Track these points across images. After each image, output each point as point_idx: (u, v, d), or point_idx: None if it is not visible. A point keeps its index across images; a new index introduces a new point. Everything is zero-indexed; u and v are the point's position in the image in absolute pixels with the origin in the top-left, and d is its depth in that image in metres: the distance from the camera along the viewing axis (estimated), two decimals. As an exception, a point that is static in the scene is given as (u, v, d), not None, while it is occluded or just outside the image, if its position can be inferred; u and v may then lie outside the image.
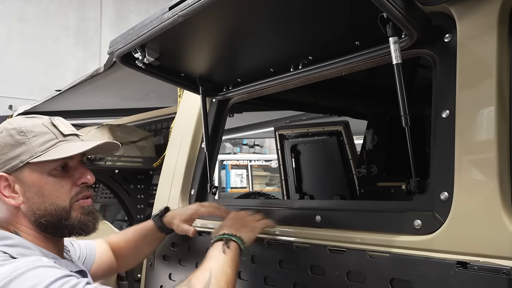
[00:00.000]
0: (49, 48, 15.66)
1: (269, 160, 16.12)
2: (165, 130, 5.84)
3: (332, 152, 5.38)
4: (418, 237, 1.86)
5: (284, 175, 5.96)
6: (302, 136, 5.65)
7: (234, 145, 19.13)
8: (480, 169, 1.72)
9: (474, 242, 1.69)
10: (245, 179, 16.00)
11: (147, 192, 5.43)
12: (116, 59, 2.58)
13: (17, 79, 14.80)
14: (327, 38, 2.26)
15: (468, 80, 1.80)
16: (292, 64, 2.49)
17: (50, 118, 2.27)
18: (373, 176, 4.58)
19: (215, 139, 3.13)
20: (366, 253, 1.96)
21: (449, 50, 1.88)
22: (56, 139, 2.19)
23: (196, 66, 2.80)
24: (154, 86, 4.73)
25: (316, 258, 2.18)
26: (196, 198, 3.12)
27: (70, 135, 2.24)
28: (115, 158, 5.03)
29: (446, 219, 1.78)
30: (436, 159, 1.87)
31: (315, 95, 4.06)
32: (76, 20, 16.37)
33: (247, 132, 8.26)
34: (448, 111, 1.84)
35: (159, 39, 2.31)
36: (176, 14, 2.05)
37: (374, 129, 4.69)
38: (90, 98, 6.14)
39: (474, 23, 1.82)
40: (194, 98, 3.18)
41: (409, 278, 1.79)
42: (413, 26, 1.81)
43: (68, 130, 2.25)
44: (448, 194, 1.79)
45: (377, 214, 2.07)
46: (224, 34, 2.39)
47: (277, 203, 2.74)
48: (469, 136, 1.77)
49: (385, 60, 2.09)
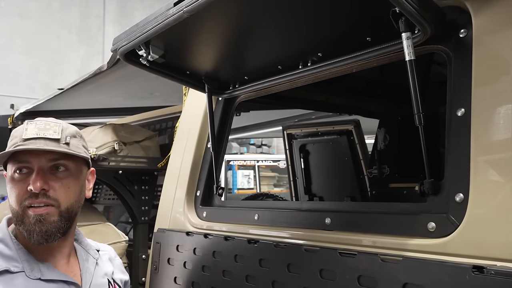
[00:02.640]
0: (52, 45, 15.68)
1: (277, 160, 16.09)
2: (170, 130, 5.83)
3: (342, 152, 5.35)
4: (432, 240, 1.82)
5: (292, 176, 5.93)
6: (311, 135, 5.62)
7: (241, 145, 19.13)
8: (496, 170, 1.69)
9: (491, 246, 1.65)
10: (252, 180, 15.99)
11: (152, 193, 5.42)
12: (119, 57, 2.55)
13: (19, 77, 14.83)
14: (337, 34, 2.23)
15: (484, 77, 1.77)
16: (301, 61, 2.47)
17: (30, 122, 2.30)
18: (385, 177, 4.54)
19: (222, 139, 3.10)
20: (378, 256, 1.91)
21: (464, 46, 1.85)
22: (16, 143, 2.23)
23: (202, 64, 2.78)
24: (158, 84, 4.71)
25: (326, 262, 2.13)
26: (202, 200, 3.09)
27: (31, 139, 2.22)
28: (119, 158, 5.01)
29: (462, 222, 1.74)
30: (451, 159, 1.83)
31: (324, 93, 4.02)
32: (79, 17, 16.40)
33: (254, 131, 8.27)
34: (464, 110, 1.80)
35: (164, 36, 2.28)
36: (181, 10, 2.02)
37: (386, 128, 4.66)
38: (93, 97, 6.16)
39: (491, 17, 1.78)
40: (200, 96, 3.16)
41: (423, 283, 1.75)
42: (426, 21, 1.78)
43: (34, 133, 2.24)
44: (464, 195, 1.75)
45: (389, 216, 2.04)
46: (231, 30, 2.36)
47: (285, 205, 2.71)
48: (485, 135, 1.73)
49: (398, 57, 2.06)
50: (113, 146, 4.97)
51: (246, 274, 2.48)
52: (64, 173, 2.27)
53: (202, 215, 3.03)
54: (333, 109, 4.91)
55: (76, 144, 2.32)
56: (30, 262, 2.22)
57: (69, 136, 2.29)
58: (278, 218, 2.55)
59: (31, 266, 2.21)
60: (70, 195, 2.28)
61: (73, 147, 2.28)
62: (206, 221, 2.97)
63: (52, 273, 2.25)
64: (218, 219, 2.92)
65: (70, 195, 2.28)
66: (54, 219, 2.22)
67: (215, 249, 2.67)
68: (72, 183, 2.30)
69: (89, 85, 5.25)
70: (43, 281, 2.20)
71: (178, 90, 3.96)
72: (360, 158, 5.27)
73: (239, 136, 10.77)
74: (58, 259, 2.33)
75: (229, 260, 2.59)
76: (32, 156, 2.21)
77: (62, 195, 2.25)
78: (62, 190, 2.25)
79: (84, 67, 14.84)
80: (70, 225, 2.31)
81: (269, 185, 16.10)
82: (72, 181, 2.30)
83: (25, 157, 2.21)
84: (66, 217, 2.26)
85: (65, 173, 2.27)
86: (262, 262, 2.44)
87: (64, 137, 2.27)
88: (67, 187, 2.27)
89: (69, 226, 2.30)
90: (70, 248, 2.42)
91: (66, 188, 2.26)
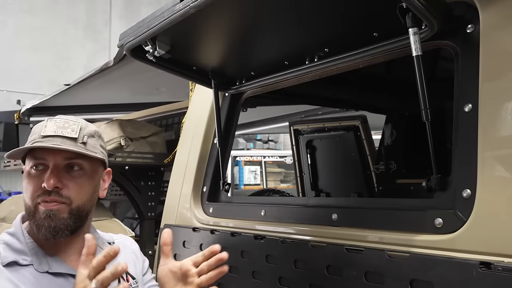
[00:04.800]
0: (58, 41, 15.74)
1: (284, 156, 16.07)
2: (177, 125, 5.85)
3: (349, 147, 5.33)
4: (439, 236, 1.81)
5: (299, 172, 5.92)
6: (318, 131, 5.61)
7: (247, 141, 19.12)
8: (504, 166, 1.68)
9: (498, 242, 1.64)
10: (259, 176, 15.98)
11: (158, 189, 5.43)
12: (126, 52, 2.56)
13: (25, 73, 14.89)
14: (344, 30, 2.22)
15: (491, 72, 1.76)
16: (308, 57, 2.46)
17: (50, 119, 2.32)
18: (392, 173, 4.53)
19: (228, 135, 3.10)
20: (385, 252, 1.91)
21: (471, 41, 1.84)
22: (35, 139, 2.25)
23: (208, 59, 2.77)
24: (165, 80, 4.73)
25: (332, 258, 2.14)
26: (209, 195, 3.09)
27: (48, 136, 2.24)
28: (125, 154, 5.03)
29: (469, 218, 1.73)
30: (458, 155, 1.82)
31: (331, 89, 4.02)
32: (85, 13, 16.44)
33: (261, 127, 8.27)
34: (471, 105, 1.80)
35: (170, 32, 2.28)
36: (188, 6, 2.02)
37: (393, 124, 4.65)
38: (99, 93, 6.18)
39: (498, 12, 1.77)
40: (206, 92, 3.15)
41: (430, 279, 1.75)
42: (433, 16, 1.76)
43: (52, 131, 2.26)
44: (471, 191, 1.75)
45: (396, 212, 2.03)
46: (237, 25, 2.36)
47: (292, 201, 2.71)
48: (492, 131, 1.72)
49: (405, 52, 2.04)
50: (120, 142, 4.99)
51: (252, 270, 2.48)
52: (79, 172, 2.28)
53: (209, 211, 3.04)
54: (340, 105, 4.90)
55: (93, 144, 2.33)
56: (39, 256, 2.24)
57: (86, 136, 2.30)
58: (285, 214, 2.55)
59: (39, 259, 2.24)
60: (82, 194, 2.29)
61: (89, 147, 2.29)
62: (213, 217, 2.97)
63: (60, 267, 2.27)
64: (224, 215, 2.92)
65: (83, 194, 2.29)
66: (63, 216, 2.23)
67: (222, 245, 2.66)
68: (86, 183, 2.30)
69: (96, 81, 5.27)
70: (51, 274, 2.23)
71: (185, 86, 3.96)
72: (367, 153, 5.25)
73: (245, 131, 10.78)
74: (69, 255, 2.34)
75: (236, 256, 2.58)
76: (48, 154, 2.22)
77: (74, 194, 2.25)
78: (74, 189, 2.26)
79: (91, 63, 14.88)
80: (80, 223, 2.31)
81: (275, 181, 16.08)
82: (85, 180, 2.30)
83: (42, 154, 2.23)
84: (76, 216, 2.27)
85: (79, 172, 2.28)
86: (268, 258, 2.44)
87: (82, 137, 2.28)
88: (80, 186, 2.28)
89: (79, 224, 2.30)
90: (82, 244, 2.39)
91: (79, 187, 2.27)
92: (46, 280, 2.21)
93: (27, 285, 2.15)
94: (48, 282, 2.21)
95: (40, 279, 2.19)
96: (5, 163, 6.28)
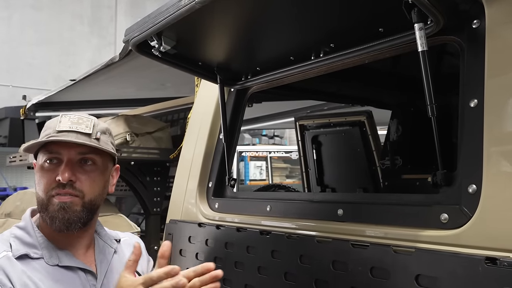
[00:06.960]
0: (63, 37, 15.73)
1: (289, 151, 15.99)
2: (182, 121, 5.85)
3: (354, 143, 5.31)
4: (445, 231, 1.81)
5: (305, 167, 5.90)
6: (324, 126, 5.59)
7: (253, 136, 19.12)
8: (510, 161, 1.68)
9: (504, 237, 1.63)
10: (265, 171, 15.92)
11: (164, 184, 5.44)
12: (131, 48, 2.58)
13: (31, 68, 14.90)
14: (350, 25, 2.22)
15: (497, 68, 1.75)
16: (313, 52, 2.46)
17: (64, 115, 2.39)
18: (398, 168, 4.52)
19: (234, 130, 3.10)
20: (391, 248, 1.90)
21: (477, 37, 1.83)
22: (49, 134, 2.31)
23: (214, 55, 2.78)
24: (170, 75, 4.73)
25: (338, 253, 2.13)
26: (214, 191, 3.09)
27: (63, 131, 2.31)
28: (131, 149, 5.04)
29: (474, 213, 1.73)
30: (464, 150, 1.82)
31: (337, 84, 4.01)
32: (90, 8, 16.43)
33: (267, 122, 8.27)
34: (477, 101, 1.79)
35: (175, 27, 2.29)
36: (193, 1, 2.02)
37: (398, 119, 4.64)
38: (105, 88, 6.19)
39: (504, 8, 1.76)
40: (212, 87, 3.15)
41: (436, 274, 1.74)
42: (439, 11, 1.77)
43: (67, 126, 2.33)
44: (476, 186, 1.74)
45: (401, 207, 2.03)
46: (243, 21, 2.36)
47: (297, 196, 2.71)
48: (498, 126, 1.72)
49: (410, 47, 2.04)
50: (125, 137, 5.00)
51: (258, 265, 2.48)
52: (91, 167, 2.36)
53: (214, 206, 3.04)
54: (345, 100, 4.90)
55: (105, 140, 2.41)
56: (49, 250, 2.32)
57: (99, 132, 2.38)
58: (290, 210, 2.55)
59: (50, 253, 2.31)
60: (94, 188, 2.37)
61: (102, 143, 2.37)
62: (218, 212, 2.97)
63: (70, 260, 2.34)
64: (230, 210, 2.92)
65: (95, 188, 2.37)
66: (77, 209, 2.30)
67: (227, 240, 2.67)
68: (98, 177, 2.38)
69: (101, 76, 5.28)
70: (61, 268, 2.30)
71: (190, 81, 3.96)
72: (372, 149, 5.22)
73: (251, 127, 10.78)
74: (77, 249, 2.41)
75: (241, 252, 2.59)
76: (63, 148, 2.29)
77: (87, 187, 2.33)
78: (87, 183, 2.33)
79: (96, 58, 14.88)
80: (91, 217, 2.39)
81: (281, 176, 16.04)
82: (98, 175, 2.38)
83: (56, 148, 2.30)
84: (88, 208, 2.35)
85: (92, 167, 2.36)
86: (274, 253, 2.43)
87: (95, 133, 2.35)
88: (93, 180, 2.36)
89: (90, 217, 2.38)
90: (90, 239, 2.49)
91: (91, 181, 2.35)
92: (56, 273, 2.28)
93: (38, 277, 2.21)
94: (58, 275, 2.27)
95: (51, 272, 2.26)
96: (10, 158, 6.30)
